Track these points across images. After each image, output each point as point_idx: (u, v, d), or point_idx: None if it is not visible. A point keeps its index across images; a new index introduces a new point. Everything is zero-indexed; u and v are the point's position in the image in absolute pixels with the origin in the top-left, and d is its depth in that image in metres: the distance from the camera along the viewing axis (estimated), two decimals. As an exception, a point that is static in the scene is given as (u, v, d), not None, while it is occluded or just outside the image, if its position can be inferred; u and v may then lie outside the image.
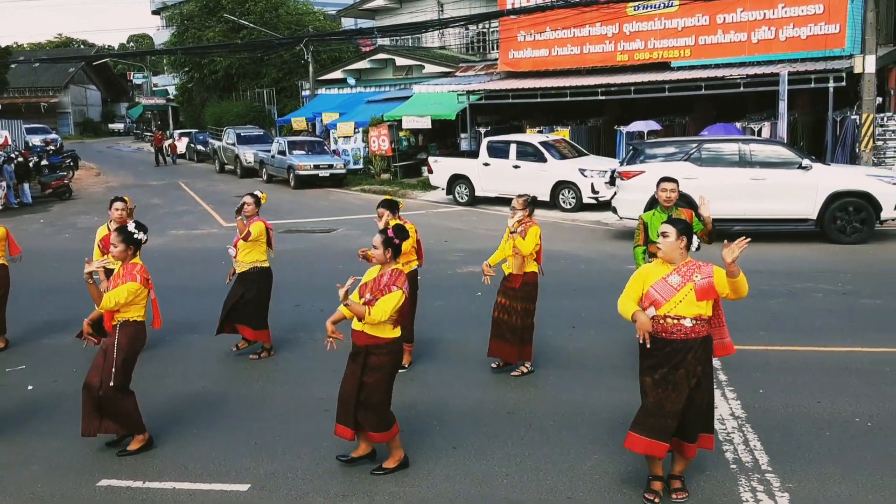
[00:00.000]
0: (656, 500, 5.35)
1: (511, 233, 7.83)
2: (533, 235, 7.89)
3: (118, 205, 8.88)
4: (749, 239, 5.00)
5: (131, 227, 6.53)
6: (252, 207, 8.78)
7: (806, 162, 14.70)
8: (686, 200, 15.01)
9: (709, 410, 5.47)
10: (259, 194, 8.99)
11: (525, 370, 8.12)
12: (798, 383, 7.57)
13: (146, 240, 6.56)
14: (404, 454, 6.06)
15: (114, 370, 6.21)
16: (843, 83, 18.86)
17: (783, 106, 18.68)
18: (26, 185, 25.95)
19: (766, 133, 20.07)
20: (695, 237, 5.40)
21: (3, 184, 24.69)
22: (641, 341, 5.29)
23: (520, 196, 8.08)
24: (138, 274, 6.32)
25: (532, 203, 8.12)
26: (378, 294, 5.76)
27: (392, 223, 7.60)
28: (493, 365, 8.24)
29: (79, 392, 7.70)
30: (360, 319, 5.74)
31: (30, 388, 8.22)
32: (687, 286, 5.22)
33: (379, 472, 5.96)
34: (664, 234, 5.34)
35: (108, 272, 8.11)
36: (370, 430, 5.92)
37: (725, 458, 6.03)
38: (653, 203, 15.23)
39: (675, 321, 5.24)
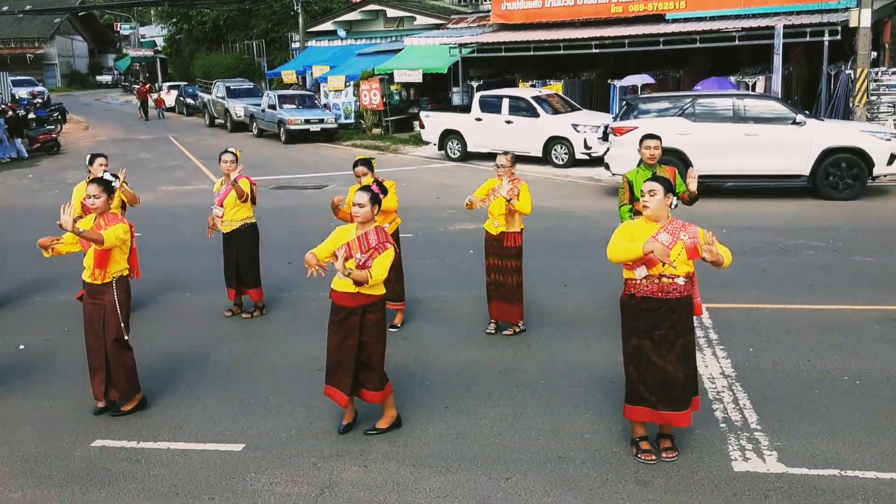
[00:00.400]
0: (654, 458, 5.42)
1: (508, 200, 7.73)
2: (526, 193, 7.84)
3: (101, 160, 8.84)
4: (712, 233, 5.04)
5: (107, 176, 6.53)
6: (234, 164, 8.68)
7: (800, 118, 14.63)
8: (679, 156, 15.02)
9: (696, 370, 5.54)
10: (235, 150, 8.88)
11: (518, 329, 8.14)
12: (788, 341, 7.62)
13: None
14: (397, 414, 6.10)
15: (122, 325, 6.25)
16: (839, 37, 18.70)
17: (778, 60, 18.53)
18: (18, 140, 25.69)
19: (760, 87, 19.95)
20: (673, 196, 5.38)
21: None
22: (662, 264, 5.14)
23: (506, 154, 7.95)
24: (123, 219, 6.34)
25: (516, 159, 8.10)
26: (374, 253, 5.72)
27: (369, 180, 7.61)
28: (490, 330, 8.18)
29: (71, 350, 7.78)
30: (362, 284, 5.64)
31: (21, 347, 8.20)
32: (678, 245, 5.19)
33: (373, 432, 5.99)
34: (652, 192, 5.25)
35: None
36: (373, 390, 5.89)
37: (715, 416, 6.08)
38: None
39: (671, 280, 5.23)
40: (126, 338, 6.30)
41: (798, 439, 5.68)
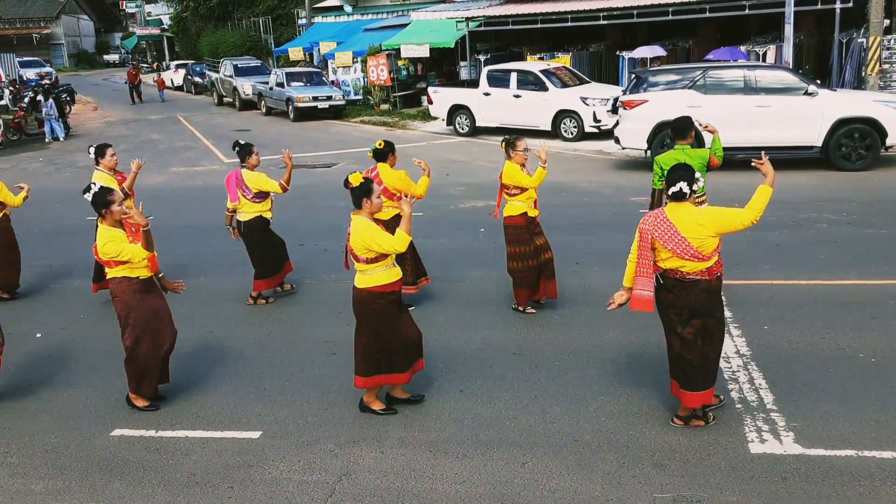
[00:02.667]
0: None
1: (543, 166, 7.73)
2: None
3: (111, 150, 8.82)
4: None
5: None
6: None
7: (812, 88, 14.47)
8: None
9: None
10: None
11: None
12: (803, 318, 7.59)
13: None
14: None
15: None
16: (850, 4, 18.42)
17: (789, 29, 18.27)
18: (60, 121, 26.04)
19: (771, 57, 19.74)
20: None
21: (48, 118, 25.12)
22: None
23: (521, 138, 7.95)
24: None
25: None
26: None
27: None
28: (532, 311, 8.19)
29: (88, 338, 7.88)
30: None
31: (38, 335, 8.26)
32: None
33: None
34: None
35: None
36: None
37: (731, 397, 6.07)
38: (656, 134, 15.11)
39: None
40: None
41: (814, 419, 5.68)
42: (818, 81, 15.88)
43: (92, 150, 8.82)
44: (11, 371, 7.24)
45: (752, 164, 5.51)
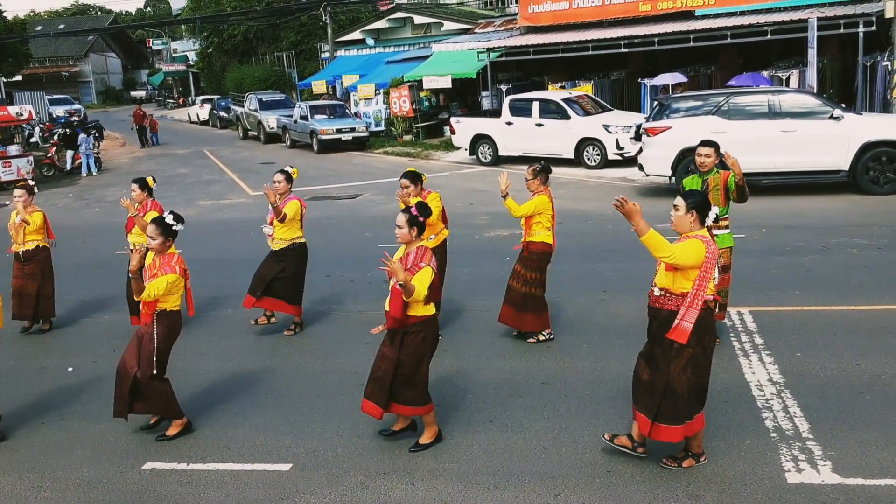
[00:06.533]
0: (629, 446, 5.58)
1: (502, 196, 7.90)
2: (532, 203, 7.90)
3: (132, 185, 8.99)
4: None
5: (169, 218, 6.49)
6: (284, 185, 8.74)
7: (837, 112, 14.40)
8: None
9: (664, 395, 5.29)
10: (290, 170, 8.92)
11: (542, 338, 8.14)
12: (836, 345, 7.49)
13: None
14: (438, 429, 6.11)
15: (154, 360, 6.25)
16: (874, 28, 18.37)
17: (812, 54, 18.21)
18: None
19: (794, 81, 19.68)
20: (713, 209, 5.33)
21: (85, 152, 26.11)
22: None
23: (530, 166, 8.11)
24: (177, 265, 6.32)
25: (543, 171, 8.02)
26: (412, 273, 5.72)
27: (413, 201, 7.58)
28: (515, 332, 8.30)
29: (118, 374, 7.86)
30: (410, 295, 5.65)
31: (70, 369, 8.33)
32: None
33: (416, 449, 6.01)
34: (675, 207, 5.37)
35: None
36: (407, 405, 5.97)
37: (765, 426, 5.99)
38: (680, 160, 15.12)
39: (652, 288, 5.42)
40: (151, 373, 6.26)
41: (852, 448, 5.58)
42: (843, 105, 15.79)
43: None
44: (44, 405, 7.31)
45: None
